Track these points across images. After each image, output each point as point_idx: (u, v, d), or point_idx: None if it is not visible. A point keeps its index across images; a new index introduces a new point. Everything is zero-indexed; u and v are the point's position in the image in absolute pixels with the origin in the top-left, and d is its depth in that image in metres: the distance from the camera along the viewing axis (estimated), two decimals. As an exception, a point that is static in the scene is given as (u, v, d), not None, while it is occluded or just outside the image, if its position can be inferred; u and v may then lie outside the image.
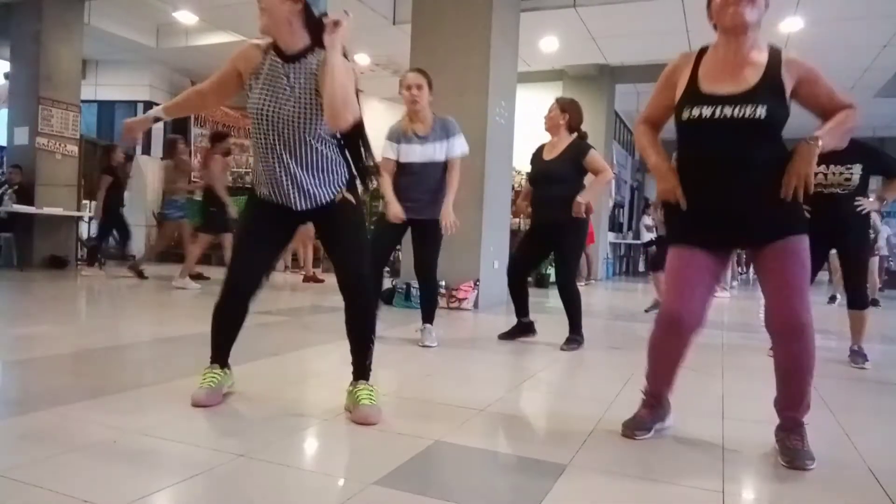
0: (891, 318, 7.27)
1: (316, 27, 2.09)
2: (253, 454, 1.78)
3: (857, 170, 3.60)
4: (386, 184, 3.63)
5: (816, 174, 3.50)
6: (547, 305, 6.46)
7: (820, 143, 1.89)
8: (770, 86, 1.92)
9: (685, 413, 2.51)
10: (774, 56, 1.96)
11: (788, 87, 1.94)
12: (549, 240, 3.96)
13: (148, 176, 11.43)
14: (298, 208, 2.22)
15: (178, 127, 12.21)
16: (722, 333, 4.87)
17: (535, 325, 4.17)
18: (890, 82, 9.89)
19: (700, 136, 1.98)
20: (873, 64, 9.00)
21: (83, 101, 8.95)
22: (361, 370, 2.26)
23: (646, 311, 6.06)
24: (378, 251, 3.64)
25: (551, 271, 8.83)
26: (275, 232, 2.33)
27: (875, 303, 7.91)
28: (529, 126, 6.67)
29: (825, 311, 7.77)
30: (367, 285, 2.24)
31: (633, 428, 2.13)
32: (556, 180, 3.90)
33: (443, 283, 5.55)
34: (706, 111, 1.93)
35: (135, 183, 10.97)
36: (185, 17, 8.84)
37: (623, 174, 13.77)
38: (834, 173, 3.62)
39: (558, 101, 4.07)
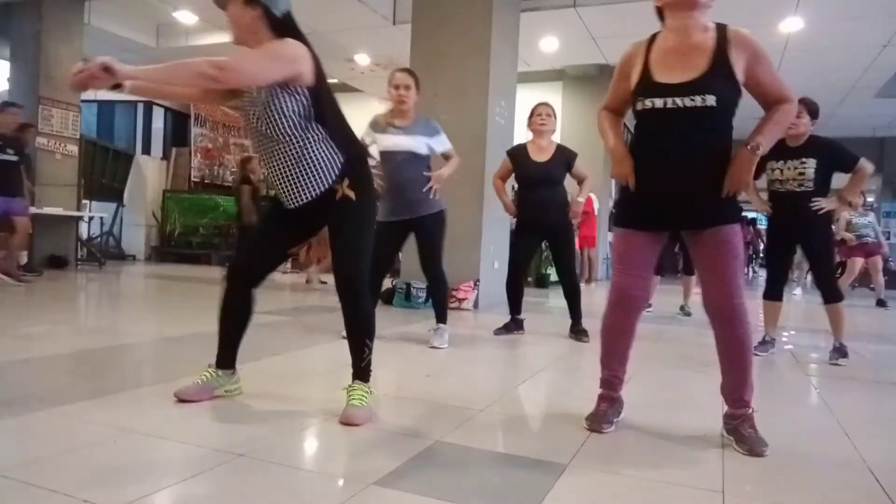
0: (891, 318, 7.27)
1: (280, 27, 2.11)
2: (253, 454, 1.78)
3: (811, 164, 3.56)
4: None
5: (774, 170, 3.63)
6: (547, 305, 6.46)
7: (759, 150, 1.95)
8: (719, 70, 1.92)
9: (685, 413, 2.52)
10: (721, 35, 1.95)
11: (738, 66, 1.94)
12: (539, 240, 4.09)
13: (148, 176, 11.43)
14: (289, 205, 2.21)
15: (179, 127, 12.22)
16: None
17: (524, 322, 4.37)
18: (890, 82, 9.88)
19: (652, 125, 2.03)
20: (873, 64, 8.99)
21: (83, 101, 8.94)
22: (356, 371, 2.25)
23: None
24: (378, 255, 3.56)
25: (551, 271, 8.83)
26: (280, 228, 2.32)
27: (882, 303, 7.91)
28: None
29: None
30: (357, 288, 2.20)
31: (599, 422, 2.17)
32: (552, 182, 4.04)
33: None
34: (658, 102, 1.96)
35: (135, 183, 10.99)
36: (185, 17, 8.83)
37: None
38: (789, 168, 3.62)
39: (548, 105, 4.27)
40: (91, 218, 9.83)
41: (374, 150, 3.65)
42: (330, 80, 2.23)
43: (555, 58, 9.71)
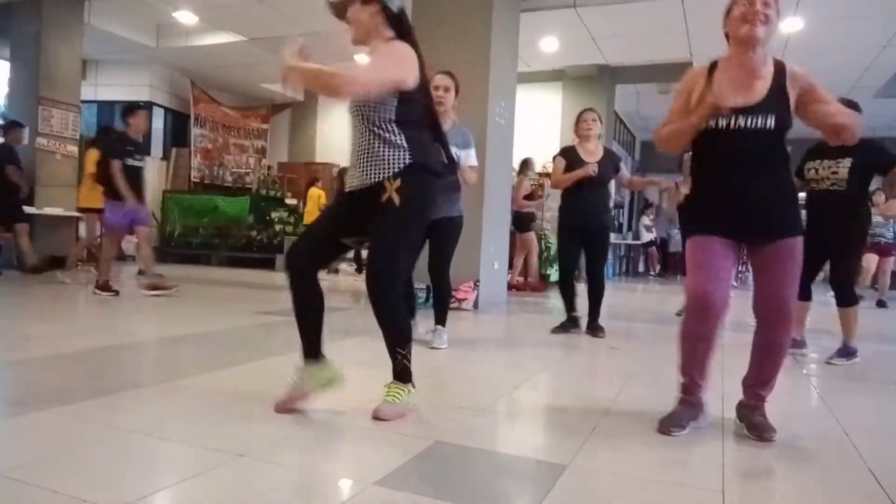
0: (891, 318, 7.27)
1: (398, 21, 2.25)
2: (253, 454, 1.78)
3: (845, 163, 3.58)
4: None
5: (810, 170, 3.67)
6: (547, 306, 6.46)
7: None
8: (777, 97, 2.11)
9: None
10: (779, 68, 2.15)
11: (792, 97, 2.13)
12: (585, 238, 4.32)
13: (148, 176, 11.40)
14: (348, 187, 2.27)
15: (179, 127, 12.23)
16: (723, 333, 4.86)
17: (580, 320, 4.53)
18: (890, 82, 9.89)
19: (717, 143, 2.15)
20: (873, 64, 8.99)
21: (83, 101, 8.94)
22: (393, 372, 2.26)
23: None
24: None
25: (551, 271, 8.83)
26: (335, 218, 2.35)
27: (882, 304, 7.92)
28: (529, 126, 6.67)
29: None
30: (381, 284, 2.18)
31: (670, 425, 2.19)
32: (602, 183, 4.32)
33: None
34: (722, 122, 2.11)
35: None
36: (185, 17, 8.84)
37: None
38: (825, 167, 3.65)
39: (594, 111, 4.50)
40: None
41: None
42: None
43: (555, 58, 9.71)
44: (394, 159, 2.18)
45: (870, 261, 8.03)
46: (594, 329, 4.37)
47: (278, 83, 2.18)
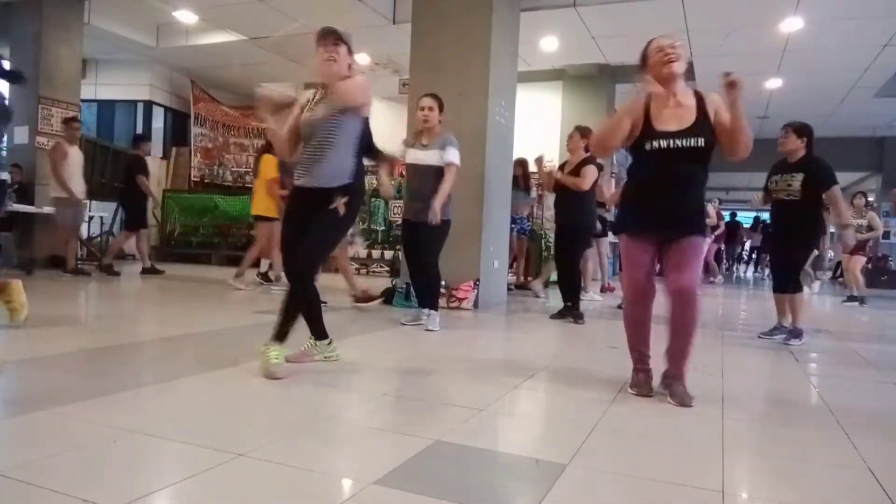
0: (891, 318, 7.27)
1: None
2: (253, 454, 1.78)
3: (798, 178, 4.25)
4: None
5: (771, 182, 4.47)
6: (547, 305, 6.46)
7: (732, 77, 2.49)
8: (703, 122, 2.61)
9: (686, 413, 2.52)
10: (699, 98, 2.67)
11: (712, 118, 2.63)
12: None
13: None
14: (308, 185, 2.83)
15: (179, 126, 12.22)
16: (722, 333, 4.87)
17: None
18: (890, 82, 9.87)
19: (656, 161, 2.63)
20: (873, 64, 8.98)
21: (83, 101, 8.93)
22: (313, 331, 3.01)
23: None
24: (410, 250, 4.46)
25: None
26: (300, 221, 2.86)
27: (861, 300, 8.02)
28: (529, 125, 6.66)
29: (840, 310, 7.80)
30: (307, 273, 2.89)
31: (644, 388, 2.72)
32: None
33: (443, 282, 5.55)
34: (663, 143, 2.61)
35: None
36: (185, 16, 8.83)
37: (622, 173, 13.76)
38: (782, 179, 4.33)
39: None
40: (91, 217, 9.80)
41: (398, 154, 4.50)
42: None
43: (555, 57, 9.70)
44: (345, 175, 2.89)
45: (855, 262, 8.09)
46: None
47: (278, 83, 2.24)
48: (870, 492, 1.76)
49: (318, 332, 2.99)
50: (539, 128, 10.17)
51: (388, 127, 7.79)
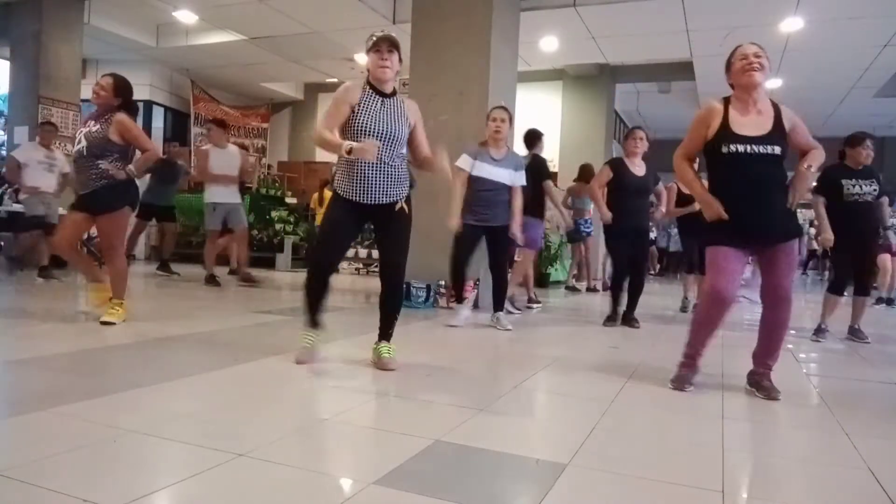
0: (891, 318, 7.27)
1: None
2: (253, 454, 1.78)
3: (874, 183, 4.63)
4: (456, 192, 4.39)
5: (853, 185, 4.72)
6: (547, 305, 6.46)
7: (812, 168, 2.73)
8: (779, 130, 2.72)
9: (685, 413, 2.52)
10: (776, 108, 2.78)
11: (787, 128, 2.74)
12: (631, 241, 4.91)
13: (147, 176, 11.39)
14: (368, 202, 2.93)
15: (178, 126, 12.22)
16: (722, 333, 4.86)
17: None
18: (890, 82, 9.87)
19: (734, 165, 2.69)
20: (873, 64, 8.98)
21: (83, 101, 8.93)
22: (386, 334, 3.11)
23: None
24: (463, 252, 4.56)
25: (552, 271, 8.83)
26: (351, 227, 3.07)
27: (890, 302, 7.95)
28: (529, 125, 6.66)
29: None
30: (403, 274, 3.12)
31: (682, 382, 2.82)
32: (647, 193, 5.08)
33: (443, 282, 5.55)
34: (740, 147, 2.67)
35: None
36: (185, 16, 8.83)
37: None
38: (863, 185, 4.60)
39: (643, 129, 5.12)
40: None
41: (465, 166, 4.48)
42: (329, 80, 2.27)
43: (555, 57, 9.70)
44: (407, 183, 3.11)
45: (885, 261, 8.03)
46: (630, 321, 5.00)
47: (278, 83, 2.23)
48: (870, 492, 1.76)
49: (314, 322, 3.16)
50: (539, 127, 10.17)
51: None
